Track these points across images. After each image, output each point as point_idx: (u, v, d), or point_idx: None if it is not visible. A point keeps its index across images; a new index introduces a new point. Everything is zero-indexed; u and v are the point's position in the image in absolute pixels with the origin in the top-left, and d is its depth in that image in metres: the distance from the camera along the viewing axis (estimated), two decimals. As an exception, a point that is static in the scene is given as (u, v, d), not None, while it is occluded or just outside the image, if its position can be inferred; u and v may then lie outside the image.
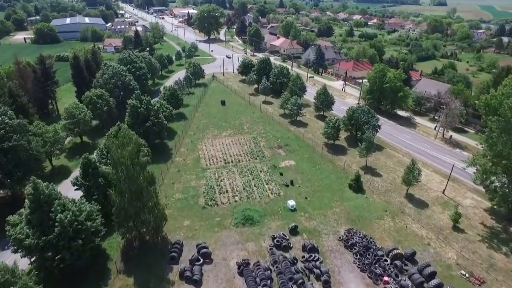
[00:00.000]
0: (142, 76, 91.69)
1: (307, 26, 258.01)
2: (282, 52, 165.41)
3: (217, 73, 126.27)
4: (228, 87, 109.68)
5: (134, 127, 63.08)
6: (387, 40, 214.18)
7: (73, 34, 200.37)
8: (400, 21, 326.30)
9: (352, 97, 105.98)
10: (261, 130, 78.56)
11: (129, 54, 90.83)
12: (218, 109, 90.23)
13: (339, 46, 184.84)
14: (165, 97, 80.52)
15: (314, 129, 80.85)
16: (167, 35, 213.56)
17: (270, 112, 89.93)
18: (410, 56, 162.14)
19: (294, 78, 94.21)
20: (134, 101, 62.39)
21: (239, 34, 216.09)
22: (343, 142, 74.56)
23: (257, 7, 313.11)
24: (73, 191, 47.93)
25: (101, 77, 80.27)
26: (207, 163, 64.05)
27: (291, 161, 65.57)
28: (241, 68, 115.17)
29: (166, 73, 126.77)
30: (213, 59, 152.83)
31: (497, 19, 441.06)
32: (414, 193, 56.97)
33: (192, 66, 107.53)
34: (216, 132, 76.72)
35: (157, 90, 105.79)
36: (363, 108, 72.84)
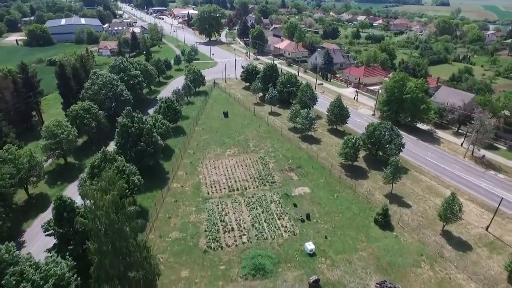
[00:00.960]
0: (136, 85, 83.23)
1: (311, 27, 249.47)
2: (287, 56, 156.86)
3: (218, 79, 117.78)
4: (230, 95, 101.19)
5: (124, 149, 54.69)
6: (395, 42, 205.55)
7: (68, 36, 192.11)
8: (405, 22, 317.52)
9: (366, 107, 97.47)
10: (269, 147, 70.09)
11: (121, 61, 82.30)
12: (220, 122, 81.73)
13: (346, 49, 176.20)
14: (161, 110, 72.02)
15: (328, 146, 72.36)
16: (166, 37, 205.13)
17: (278, 125, 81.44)
18: (421, 60, 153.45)
19: (304, 86, 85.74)
20: (124, 119, 53.90)
21: (241, 36, 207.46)
22: (361, 162, 66.06)
23: (259, 8, 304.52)
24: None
25: (90, 87, 71.84)
26: (208, 190, 55.56)
27: (306, 188, 57.08)
28: (245, 75, 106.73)
29: (164, 79, 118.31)
30: (214, 63, 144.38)
31: (502, 19, 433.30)
32: (452, 230, 48.52)
33: (191, 72, 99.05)
34: (218, 151, 68.21)
35: (154, 99, 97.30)
36: (385, 125, 64.30)
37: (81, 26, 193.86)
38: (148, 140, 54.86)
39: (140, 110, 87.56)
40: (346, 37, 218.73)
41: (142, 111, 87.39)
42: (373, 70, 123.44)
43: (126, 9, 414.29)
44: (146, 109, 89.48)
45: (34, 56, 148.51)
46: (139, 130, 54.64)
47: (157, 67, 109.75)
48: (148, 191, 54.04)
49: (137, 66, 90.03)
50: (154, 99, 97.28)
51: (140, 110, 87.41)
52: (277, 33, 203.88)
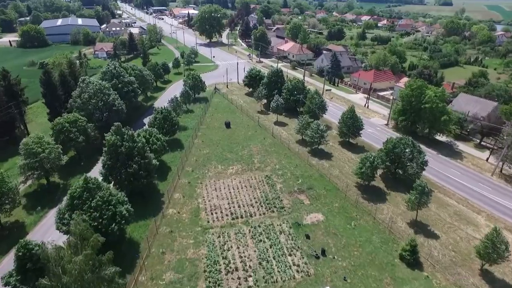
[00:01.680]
0: (131, 92, 76.47)
1: (315, 28, 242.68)
2: (291, 58, 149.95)
3: (219, 84, 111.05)
4: (233, 102, 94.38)
5: (113, 171, 47.99)
6: (402, 43, 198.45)
7: (63, 37, 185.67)
8: (410, 23, 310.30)
9: (378, 116, 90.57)
10: (276, 164, 63.28)
11: (114, 66, 75.52)
12: (222, 134, 74.95)
13: (352, 51, 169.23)
14: (156, 122, 65.25)
15: (340, 162, 65.51)
16: (166, 38, 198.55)
17: (284, 137, 74.65)
18: (432, 63, 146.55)
19: (312, 94, 78.94)
20: (113, 137, 47.13)
21: (242, 37, 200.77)
22: (378, 181, 59.19)
23: (261, 8, 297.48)
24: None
25: (79, 96, 65.13)
26: (209, 218, 48.79)
27: (319, 215, 50.28)
28: (248, 80, 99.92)
29: (162, 83, 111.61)
30: (215, 66, 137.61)
31: (507, 19, 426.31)
32: (492, 270, 41.71)
33: (191, 78, 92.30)
34: (220, 168, 61.42)
35: (150, 107, 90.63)
36: (406, 141, 57.44)
37: (77, 26, 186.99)
38: (140, 162, 48.11)
39: (135, 119, 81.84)
40: (351, 38, 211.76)
41: (137, 120, 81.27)
42: (383, 75, 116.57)
43: (126, 9, 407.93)
44: (141, 118, 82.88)
45: (27, 58, 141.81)
46: (130, 150, 47.90)
47: (154, 71, 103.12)
48: (140, 219, 47.37)
49: (131, 71, 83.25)
50: (150, 107, 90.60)
51: (134, 119, 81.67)
52: (280, 34, 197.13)
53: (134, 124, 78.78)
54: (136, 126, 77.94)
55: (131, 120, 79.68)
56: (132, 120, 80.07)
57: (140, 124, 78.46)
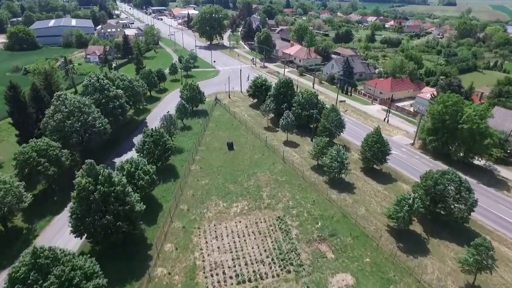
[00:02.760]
0: (118, 108, 65.65)
1: (320, 29, 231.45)
2: (298, 63, 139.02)
3: (221, 93, 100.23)
4: (236, 116, 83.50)
5: (84, 222, 37.25)
6: (414, 46, 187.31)
7: (56, 38, 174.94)
8: (418, 24, 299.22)
9: (401, 133, 79.63)
10: (289, 199, 52.48)
11: (98, 78, 64.64)
12: (223, 157, 64.12)
13: (362, 54, 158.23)
14: (146, 147, 54.45)
15: (365, 196, 54.65)
16: (164, 40, 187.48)
17: (297, 161, 63.80)
18: (449, 68, 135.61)
19: (329, 111, 68.07)
20: (84, 179, 36.32)
21: (245, 39, 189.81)
22: (415, 224, 48.27)
23: (264, 8, 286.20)
24: None
25: (52, 117, 54.38)
26: (208, 283, 37.91)
27: (347, 277, 39.42)
28: (252, 90, 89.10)
29: (157, 93, 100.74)
30: (216, 72, 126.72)
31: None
32: None
33: (188, 88, 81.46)
34: (221, 206, 50.61)
35: (142, 122, 79.93)
36: (452, 176, 46.56)
37: (70, 28, 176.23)
38: (118, 210, 37.35)
39: (123, 138, 70.74)
40: (359, 41, 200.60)
41: (126, 139, 70.45)
42: (401, 83, 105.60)
43: (124, 9, 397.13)
44: (130, 136, 72.05)
45: (13, 62, 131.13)
46: (106, 195, 37.13)
47: (147, 80, 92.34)
48: (118, 286, 36.63)
49: (119, 82, 72.39)
50: (142, 122, 79.85)
51: (122, 138, 70.45)
52: (284, 36, 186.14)
53: (122, 145, 68.08)
54: (124, 147, 67.24)
55: (119, 140, 68.99)
56: (120, 140, 69.37)
57: (128, 145, 67.73)
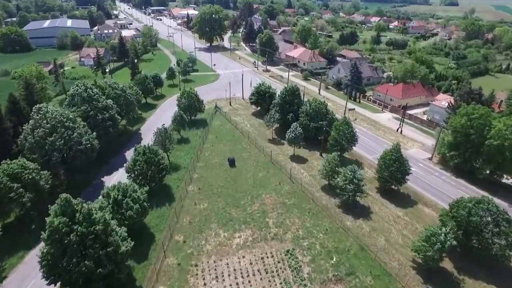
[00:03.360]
0: (107, 121, 59.48)
1: (323, 30, 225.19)
2: (302, 67, 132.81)
3: (221, 100, 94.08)
4: (237, 126, 77.31)
5: (57, 268, 31.13)
6: (421, 48, 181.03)
7: (50, 40, 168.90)
8: (423, 24, 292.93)
9: (416, 145, 73.41)
10: (299, 227, 46.34)
11: (85, 87, 58.46)
12: (224, 175, 57.95)
13: (369, 57, 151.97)
14: (137, 168, 48.30)
15: (384, 223, 48.49)
16: (162, 41, 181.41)
17: (306, 180, 57.65)
18: (460, 72, 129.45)
19: (341, 124, 61.88)
20: (57, 219, 30.15)
21: (246, 41, 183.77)
22: (447, 262, 41.98)
23: (265, 8, 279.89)
24: None
25: (32, 133, 48.27)
26: None
27: (372, 331, 33.36)
28: (255, 98, 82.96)
29: (154, 99, 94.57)
30: (216, 76, 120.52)
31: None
32: None
33: (186, 97, 75.28)
34: (222, 236, 44.42)
35: (136, 133, 73.79)
36: (488, 206, 40.39)
37: (64, 29, 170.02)
38: (100, 254, 31.22)
39: (114, 153, 64.17)
40: (364, 42, 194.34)
41: (117, 154, 64.24)
42: (412, 89, 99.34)
43: (123, 9, 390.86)
44: (122, 150, 65.83)
45: (5, 65, 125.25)
46: (85, 236, 30.99)
47: (143, 86, 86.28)
48: None
49: (110, 91, 66.21)
50: (136, 134, 73.71)
51: (113, 153, 63.81)
52: (287, 38, 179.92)
53: (113, 161, 61.90)
54: (115, 163, 61.08)
55: (109, 155, 62.80)
56: (111, 155, 63.17)
57: (120, 160, 61.54)
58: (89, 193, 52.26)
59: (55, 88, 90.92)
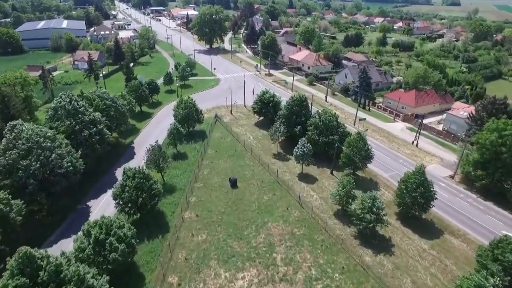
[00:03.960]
0: (94, 136, 53.22)
1: (326, 31, 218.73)
2: (307, 70, 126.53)
3: (221, 108, 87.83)
4: (239, 139, 71.06)
5: None
6: (428, 50, 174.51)
7: (44, 42, 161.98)
8: (427, 25, 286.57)
9: (435, 161, 67.07)
10: (311, 266, 40.09)
11: (70, 99, 52.19)
12: (225, 199, 51.73)
13: (376, 60, 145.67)
14: (126, 194, 42.07)
15: (408, 259, 42.20)
16: (160, 43, 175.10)
17: (316, 204, 51.44)
18: (473, 76, 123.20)
19: (355, 140, 55.64)
20: (14, 280, 23.92)
21: (248, 42, 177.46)
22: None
23: (267, 8, 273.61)
24: None
25: (3, 155, 42.05)
26: None
27: None
28: (259, 107, 76.74)
29: (149, 107, 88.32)
30: (216, 81, 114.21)
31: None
32: None
33: (183, 107, 68.97)
34: (223, 278, 38.14)
35: (129, 147, 67.52)
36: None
37: (59, 30, 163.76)
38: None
39: (103, 173, 57.59)
40: (369, 44, 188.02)
41: (106, 174, 57.91)
42: (425, 96, 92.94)
43: (122, 9, 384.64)
44: (112, 168, 59.52)
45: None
46: (50, 299, 24.75)
47: (137, 93, 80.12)
48: None
49: (99, 102, 59.96)
50: (128, 147, 67.43)
51: (102, 173, 57.44)
52: (290, 39, 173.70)
53: (101, 181, 55.60)
54: (103, 183, 54.82)
55: (96, 175, 56.44)
56: (98, 174, 56.83)
57: (110, 180, 55.31)
58: (73, 221, 46.34)
59: (43, 95, 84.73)
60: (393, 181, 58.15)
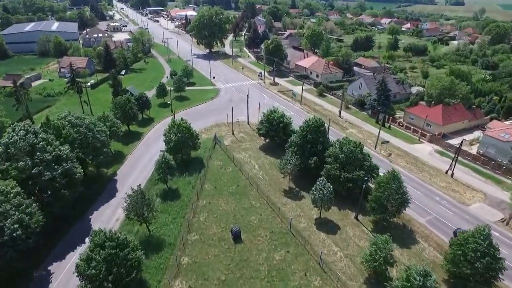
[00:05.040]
0: (59, 178, 41.94)
1: (332, 33, 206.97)
2: (315, 79, 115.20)
3: (221, 125, 76.70)
4: (242, 169, 59.64)
5: None
6: (443, 55, 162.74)
7: (32, 45, 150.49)
8: (436, 26, 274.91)
9: (478, 197, 55.68)
10: None
11: (27, 131, 41.05)
12: (225, 260, 40.47)
13: (389, 66, 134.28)
14: (93, 273, 30.95)
15: None
16: (157, 47, 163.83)
17: (341, 265, 40.24)
18: (498, 85, 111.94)
19: (387, 179, 44.40)
20: None
21: (250, 46, 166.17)
22: None
23: (269, 9, 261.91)
24: None
25: None
26: None
27: None
28: (265, 129, 65.46)
29: (139, 125, 76.96)
30: (216, 92, 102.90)
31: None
32: None
33: (175, 131, 57.52)
34: None
35: (111, 181, 56.32)
36: None
37: (48, 33, 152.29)
38: None
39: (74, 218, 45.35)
40: (378, 48, 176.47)
41: (78, 219, 46.68)
42: (453, 112, 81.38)
43: (120, 9, 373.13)
44: (88, 211, 48.24)
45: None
46: None
47: (123, 111, 69.00)
48: None
49: (70, 131, 48.65)
50: (110, 181, 56.20)
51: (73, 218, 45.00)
52: (295, 43, 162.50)
53: (70, 233, 44.21)
54: (72, 237, 43.50)
55: (63, 225, 45.15)
56: (66, 225, 45.50)
57: (82, 230, 44.11)
58: (25, 298, 35.14)
59: (16, 112, 73.55)
60: (433, 229, 47.25)
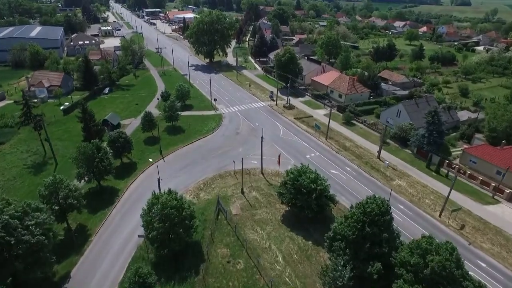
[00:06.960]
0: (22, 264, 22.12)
1: (346, 39, 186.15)
2: (338, 99, 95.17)
3: (226, 178, 56.70)
4: (259, 264, 39.95)
5: None
6: (475, 65, 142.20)
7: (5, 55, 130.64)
8: (455, 29, 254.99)
9: None
10: None
11: None
12: None
13: (426, 85, 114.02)
14: None
15: None
16: (151, 56, 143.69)
17: None
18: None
19: None
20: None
21: (256, 55, 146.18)
22: None
23: (275, 11, 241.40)
24: None
25: None
26: None
27: None
28: (289, 195, 45.44)
29: (117, 176, 56.76)
30: (218, 119, 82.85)
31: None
32: None
33: (157, 215, 37.62)
34: None
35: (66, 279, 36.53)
36: None
37: (25, 40, 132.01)
38: None
39: None
40: (400, 57, 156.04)
41: None
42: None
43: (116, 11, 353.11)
44: None
45: None
46: None
47: (90, 165, 49.17)
48: None
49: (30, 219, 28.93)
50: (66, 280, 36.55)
51: None
52: (307, 51, 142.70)
53: None
54: None
55: None
56: None
57: None
58: None
59: None
60: None
